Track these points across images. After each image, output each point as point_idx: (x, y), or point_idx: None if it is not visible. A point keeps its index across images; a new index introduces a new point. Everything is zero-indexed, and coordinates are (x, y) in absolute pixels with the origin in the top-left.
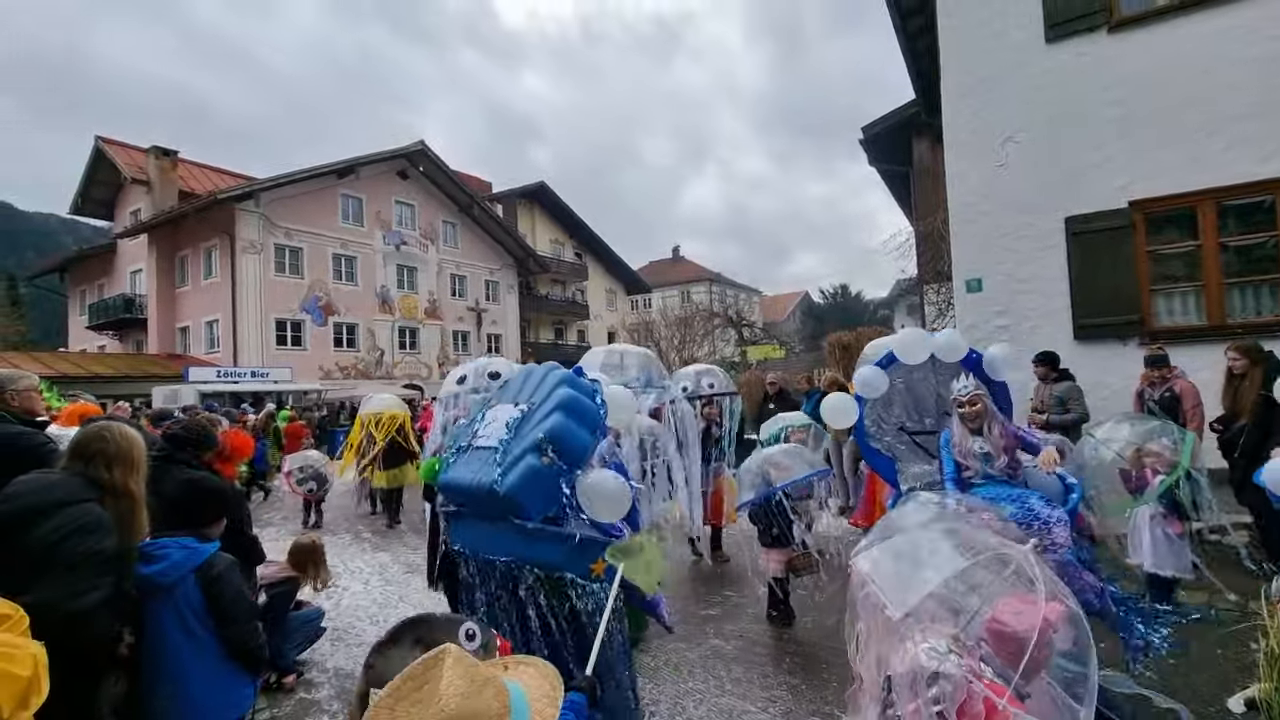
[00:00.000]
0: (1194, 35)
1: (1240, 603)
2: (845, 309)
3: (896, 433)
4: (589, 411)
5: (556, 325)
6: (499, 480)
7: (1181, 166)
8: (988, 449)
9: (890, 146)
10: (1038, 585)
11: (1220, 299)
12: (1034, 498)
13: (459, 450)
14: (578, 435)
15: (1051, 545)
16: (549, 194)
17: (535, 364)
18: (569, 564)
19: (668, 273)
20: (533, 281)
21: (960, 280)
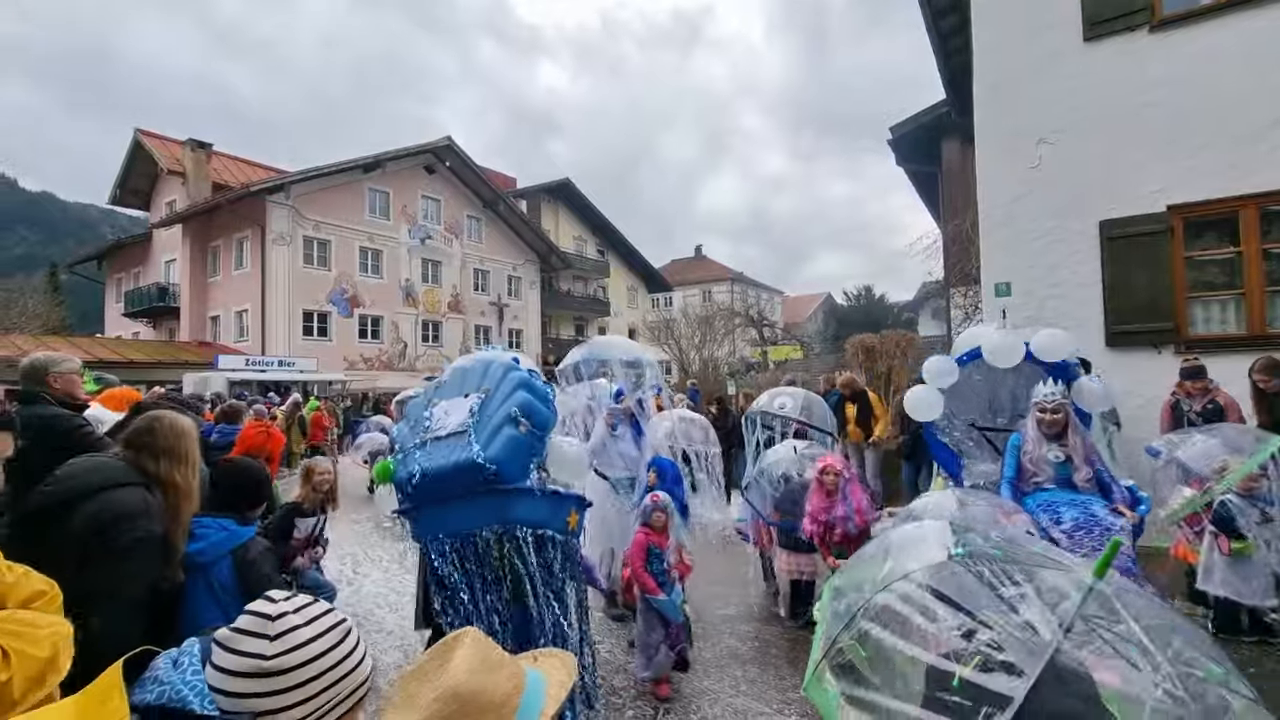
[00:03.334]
0: (1239, 35)
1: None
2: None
3: (967, 429)
4: (541, 389)
5: (578, 321)
6: (480, 453)
7: (1223, 171)
8: (1063, 457)
9: (919, 147)
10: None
11: (1262, 307)
12: (1097, 504)
13: (416, 447)
14: (541, 408)
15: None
16: (573, 191)
17: (464, 359)
18: (549, 519)
19: (689, 271)
20: (555, 278)
21: (989, 284)
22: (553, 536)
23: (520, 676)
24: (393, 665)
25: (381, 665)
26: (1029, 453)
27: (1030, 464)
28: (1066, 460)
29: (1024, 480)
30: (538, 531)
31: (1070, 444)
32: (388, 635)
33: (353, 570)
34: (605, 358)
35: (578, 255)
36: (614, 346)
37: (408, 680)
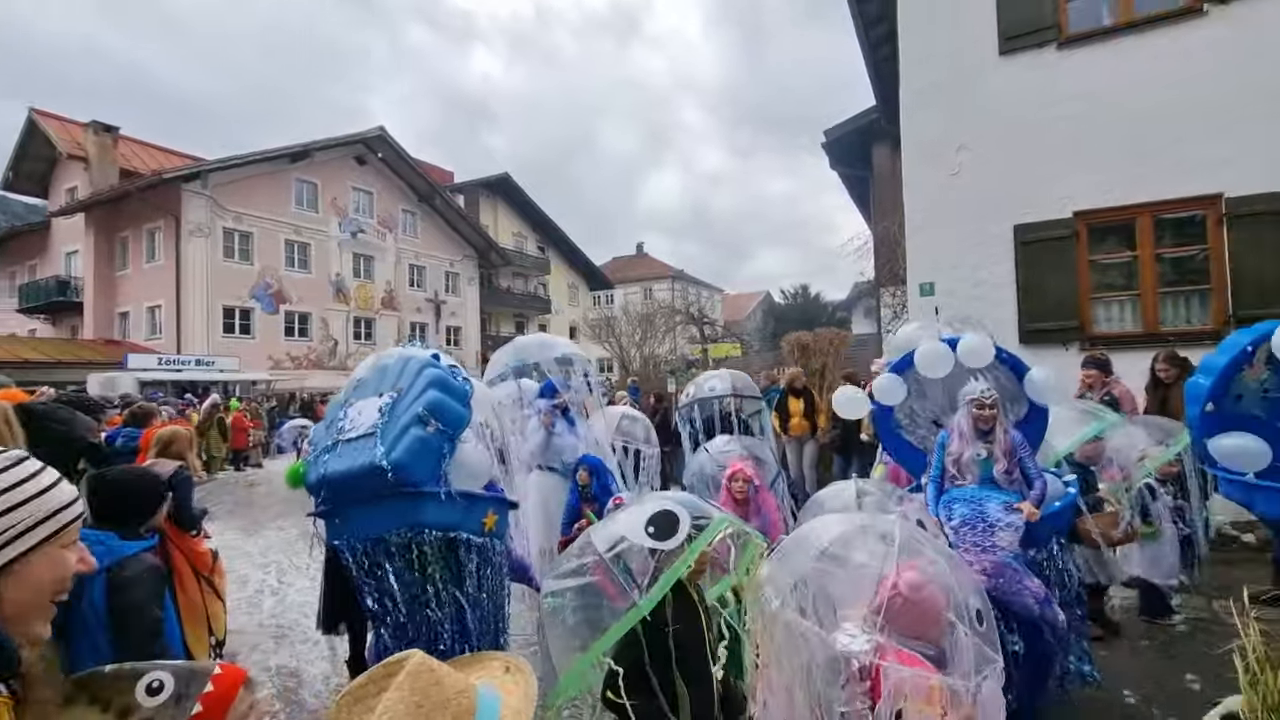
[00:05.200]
0: (1134, 57)
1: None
2: (805, 309)
3: (930, 425)
4: (457, 388)
5: (518, 319)
6: (384, 456)
7: (1122, 181)
8: (986, 454)
9: (851, 151)
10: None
11: (1155, 307)
12: (992, 503)
13: (326, 449)
14: (453, 407)
15: (992, 546)
16: (512, 186)
17: (385, 356)
18: (463, 522)
19: (631, 269)
20: (494, 274)
21: (914, 284)
22: (467, 539)
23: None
24: (320, 676)
25: (308, 676)
26: (954, 453)
27: (953, 465)
28: (989, 457)
29: (947, 480)
30: (450, 534)
31: (996, 439)
32: (314, 645)
33: (277, 580)
34: (535, 360)
35: (517, 252)
36: (542, 346)
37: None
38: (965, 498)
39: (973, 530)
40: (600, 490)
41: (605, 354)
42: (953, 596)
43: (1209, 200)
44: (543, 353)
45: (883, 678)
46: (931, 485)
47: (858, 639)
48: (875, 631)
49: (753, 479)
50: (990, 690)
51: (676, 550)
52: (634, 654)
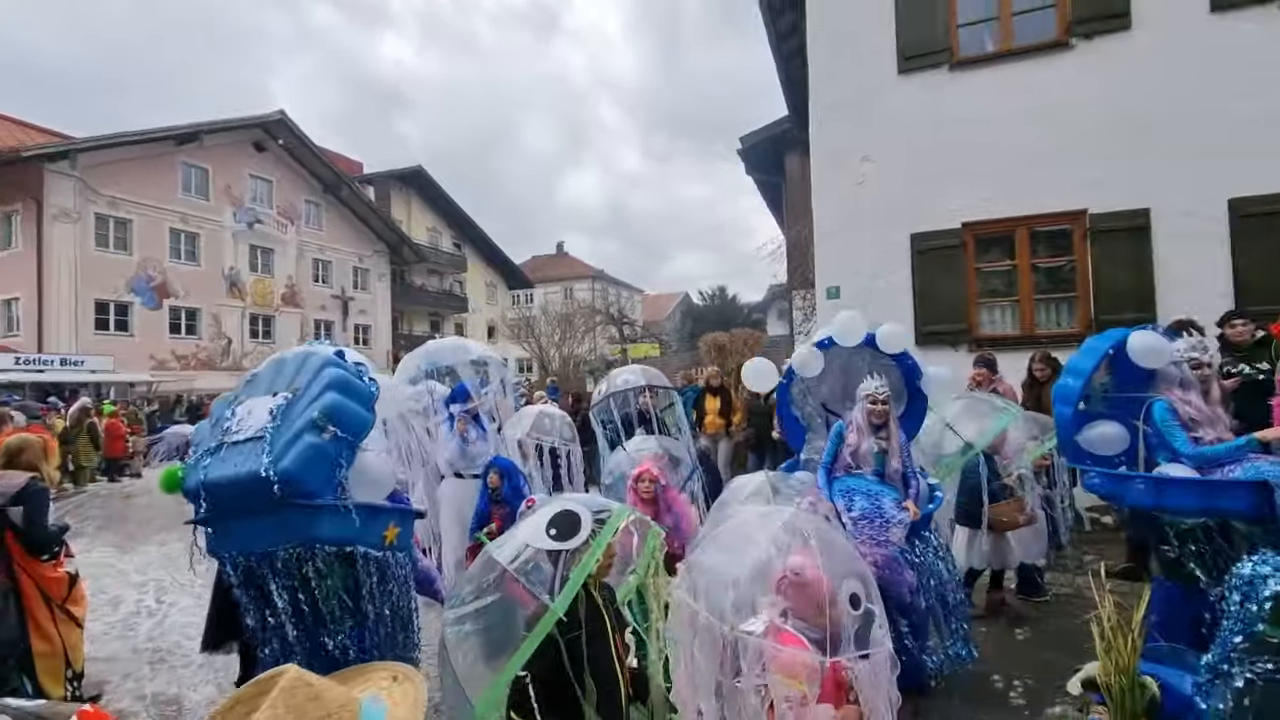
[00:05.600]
0: (1013, 82)
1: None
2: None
3: (818, 406)
4: (361, 389)
5: (433, 318)
6: (269, 466)
7: (1003, 196)
8: (880, 449)
9: (765, 157)
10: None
11: (1031, 312)
12: (888, 498)
13: (209, 451)
14: (354, 411)
15: (884, 541)
16: (426, 179)
17: (285, 352)
18: (362, 535)
19: (551, 268)
20: (407, 271)
21: (822, 287)
22: (365, 554)
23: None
24: (204, 702)
25: (191, 703)
26: (852, 445)
27: (850, 455)
28: (883, 452)
29: (839, 467)
30: (345, 549)
31: (890, 435)
32: (198, 669)
33: (156, 600)
34: (448, 363)
35: (432, 248)
36: (456, 349)
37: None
38: (865, 490)
39: (870, 524)
40: (512, 493)
41: (525, 354)
42: (840, 582)
43: (1075, 216)
44: (456, 356)
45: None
46: (822, 471)
47: (755, 622)
48: (772, 613)
49: (659, 479)
50: (870, 668)
51: (582, 548)
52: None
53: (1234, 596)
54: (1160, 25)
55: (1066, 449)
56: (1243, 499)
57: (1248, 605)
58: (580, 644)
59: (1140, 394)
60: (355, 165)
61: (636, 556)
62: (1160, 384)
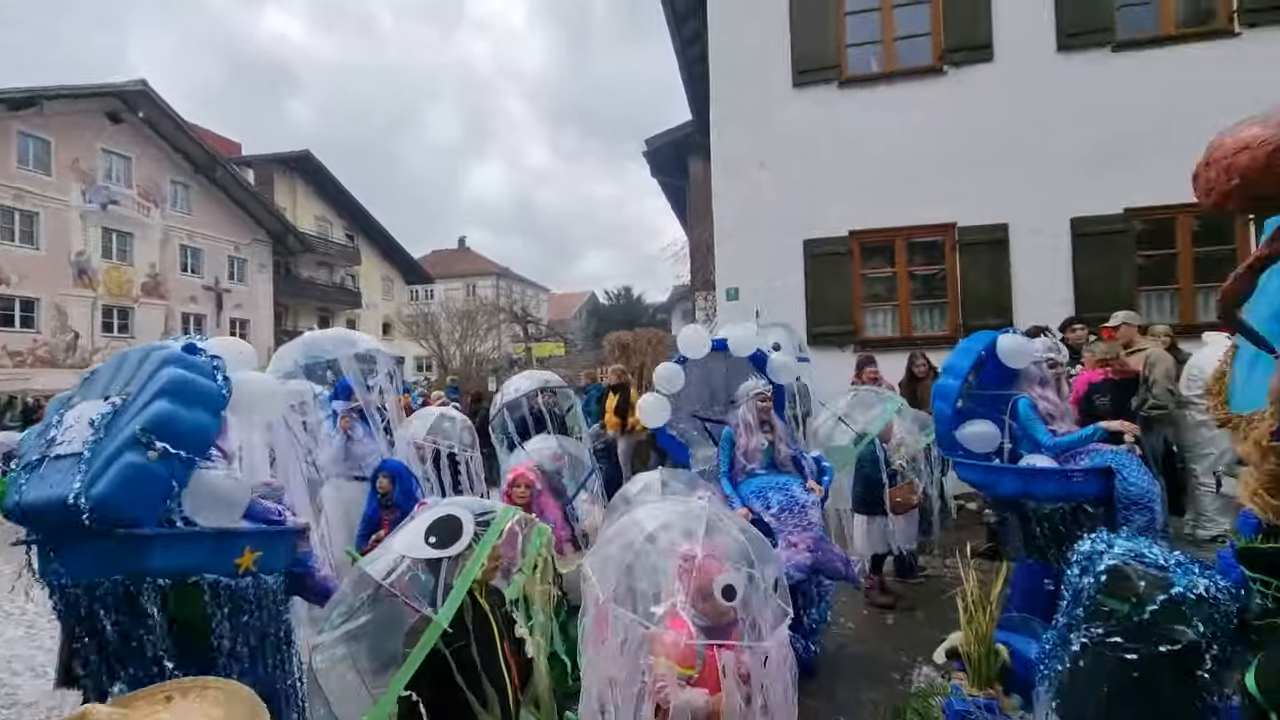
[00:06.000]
0: (894, 102)
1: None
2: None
3: (690, 419)
4: (204, 392)
5: (322, 313)
6: (81, 492)
7: (884, 207)
8: (768, 442)
9: (669, 160)
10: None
11: (908, 316)
12: (795, 485)
13: (30, 466)
14: (190, 420)
15: (808, 524)
16: (315, 165)
17: (134, 348)
18: (208, 564)
19: (452, 263)
20: (293, 262)
21: (721, 289)
22: (215, 583)
23: None
24: None
25: None
26: (743, 445)
27: (743, 455)
28: (770, 444)
29: (737, 471)
30: (188, 580)
31: (775, 427)
32: (26, 707)
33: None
34: (330, 357)
35: (321, 238)
36: (339, 341)
37: None
38: (774, 485)
39: (791, 514)
40: (403, 497)
41: (424, 352)
42: (735, 568)
43: (945, 229)
44: (340, 349)
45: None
46: (725, 480)
47: (659, 608)
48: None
49: (534, 484)
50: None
51: (465, 553)
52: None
53: (1074, 570)
54: (1016, 59)
55: (944, 442)
56: (1092, 484)
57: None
58: (471, 653)
59: (1005, 391)
60: (232, 145)
61: (522, 556)
62: (1022, 382)
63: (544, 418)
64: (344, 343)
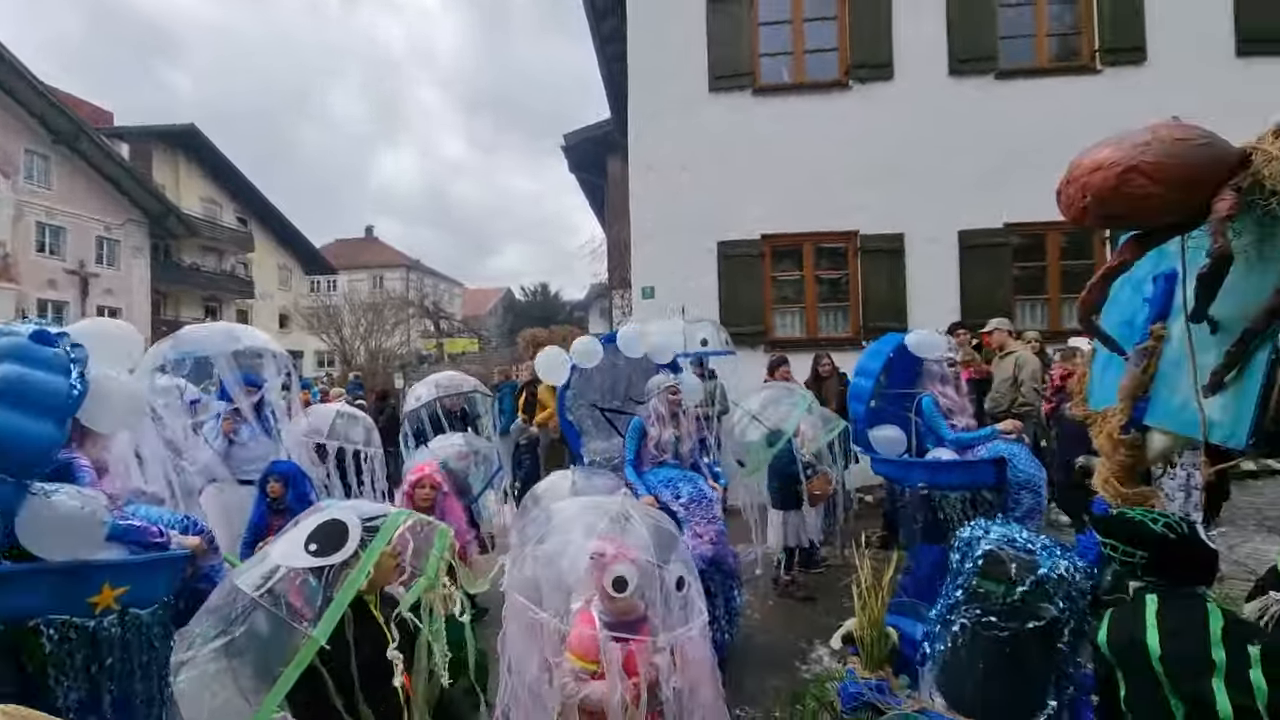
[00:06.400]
0: (804, 112)
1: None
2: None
3: (589, 409)
4: (46, 392)
5: (209, 303)
6: None
7: (793, 213)
8: (677, 437)
9: (588, 157)
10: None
11: (815, 318)
12: (701, 481)
13: None
14: (17, 429)
15: (714, 518)
16: (202, 141)
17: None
18: (52, 605)
19: (358, 254)
20: (175, 246)
21: (638, 288)
22: (65, 623)
23: None
24: None
25: None
26: (654, 437)
27: (655, 447)
28: (677, 439)
29: (644, 460)
30: (27, 624)
31: (683, 423)
32: None
33: None
34: (208, 352)
35: (209, 222)
36: (223, 336)
37: None
38: (683, 477)
39: (699, 506)
40: (297, 501)
41: (325, 346)
42: (647, 564)
43: (849, 236)
44: (222, 344)
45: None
46: (630, 468)
47: (574, 604)
48: (586, 596)
49: (440, 485)
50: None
51: (350, 561)
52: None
53: (955, 556)
54: (913, 80)
55: (860, 439)
56: (989, 473)
57: (964, 563)
58: (351, 671)
59: (910, 390)
60: (103, 115)
61: (420, 561)
62: (926, 381)
63: (455, 416)
64: (224, 338)
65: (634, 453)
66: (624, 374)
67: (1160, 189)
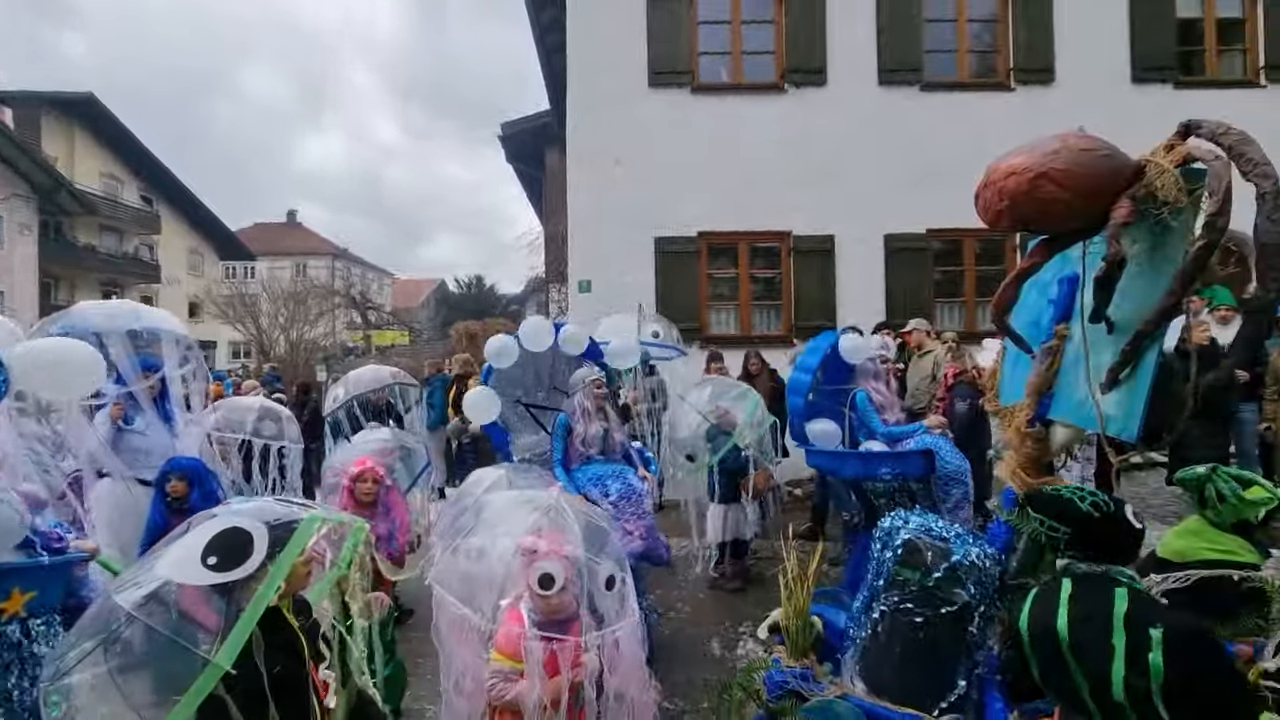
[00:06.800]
0: (741, 113)
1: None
2: (479, 300)
3: (513, 405)
4: None
5: (107, 287)
6: None
7: (731, 211)
8: (604, 430)
9: (526, 148)
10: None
11: (749, 316)
12: (630, 474)
13: None
14: None
15: (644, 513)
16: (100, 111)
17: None
18: None
19: (279, 239)
20: (69, 224)
21: (574, 281)
22: None
23: None
24: None
25: None
26: (580, 432)
27: (581, 443)
28: (606, 432)
29: (573, 458)
30: None
31: (607, 414)
32: None
33: None
34: (98, 330)
35: (108, 199)
36: (112, 315)
37: None
38: (612, 473)
39: (628, 502)
40: (204, 501)
41: (241, 337)
42: (578, 561)
43: (782, 236)
44: (111, 323)
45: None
46: (559, 467)
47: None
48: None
49: (383, 479)
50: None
51: (257, 574)
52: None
53: (876, 545)
54: (845, 86)
55: (796, 433)
56: (918, 464)
57: (885, 551)
58: (264, 695)
59: (844, 386)
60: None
61: (332, 566)
62: (859, 377)
63: (381, 410)
64: (120, 315)
65: (562, 451)
66: (546, 365)
67: (1067, 195)
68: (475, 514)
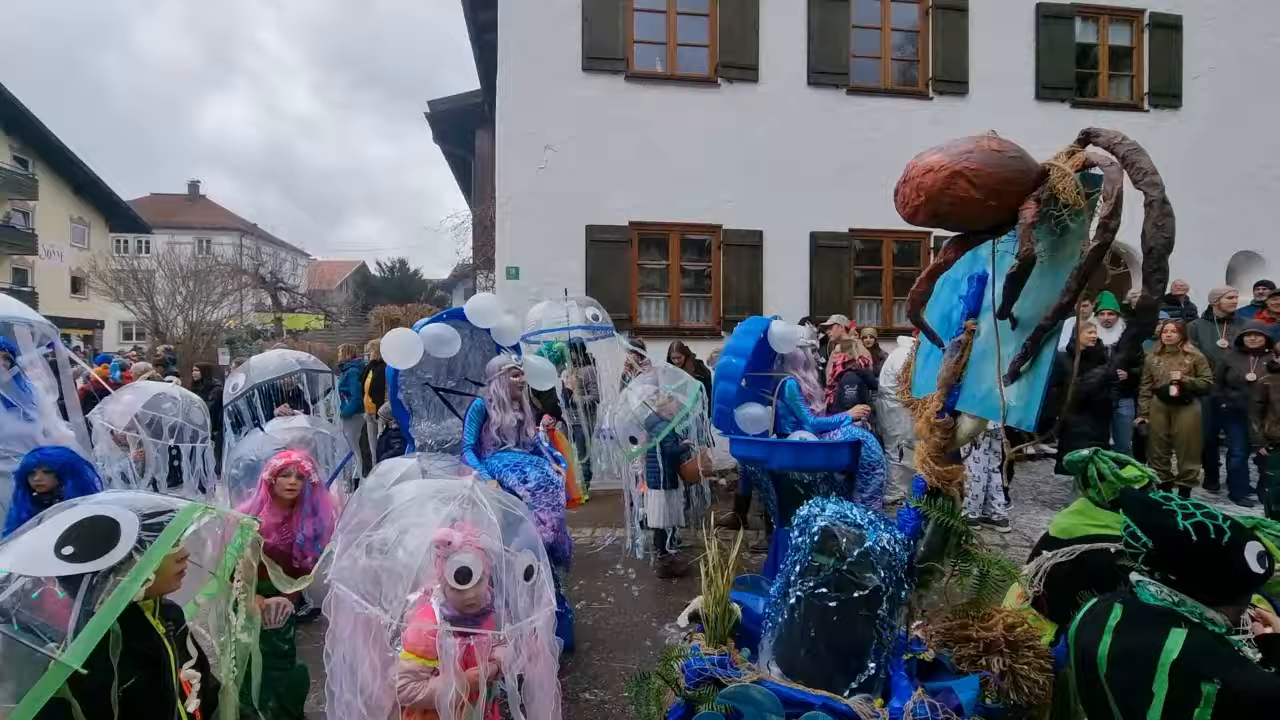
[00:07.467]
0: (675, 104)
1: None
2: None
3: (422, 387)
4: None
5: None
6: None
7: (663, 202)
8: (519, 418)
9: (455, 129)
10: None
11: (678, 307)
12: (547, 465)
13: None
14: None
15: (558, 505)
16: None
17: None
18: None
19: (180, 212)
20: None
21: (502, 267)
22: None
23: None
24: None
25: None
26: (496, 421)
27: (497, 432)
28: (520, 423)
29: (486, 445)
30: None
31: (523, 405)
32: None
33: None
34: None
35: None
36: None
37: None
38: (529, 462)
39: (545, 492)
40: (79, 494)
41: (133, 317)
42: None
43: (713, 229)
44: None
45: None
46: (469, 452)
47: (413, 597)
48: (424, 590)
49: (309, 475)
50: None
51: (122, 565)
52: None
53: (795, 533)
54: (776, 85)
55: (723, 420)
56: (844, 455)
57: (802, 538)
58: (109, 702)
59: (773, 374)
60: None
61: (217, 567)
62: (789, 365)
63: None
64: None
65: (474, 436)
66: (461, 354)
67: (979, 194)
68: (384, 503)
